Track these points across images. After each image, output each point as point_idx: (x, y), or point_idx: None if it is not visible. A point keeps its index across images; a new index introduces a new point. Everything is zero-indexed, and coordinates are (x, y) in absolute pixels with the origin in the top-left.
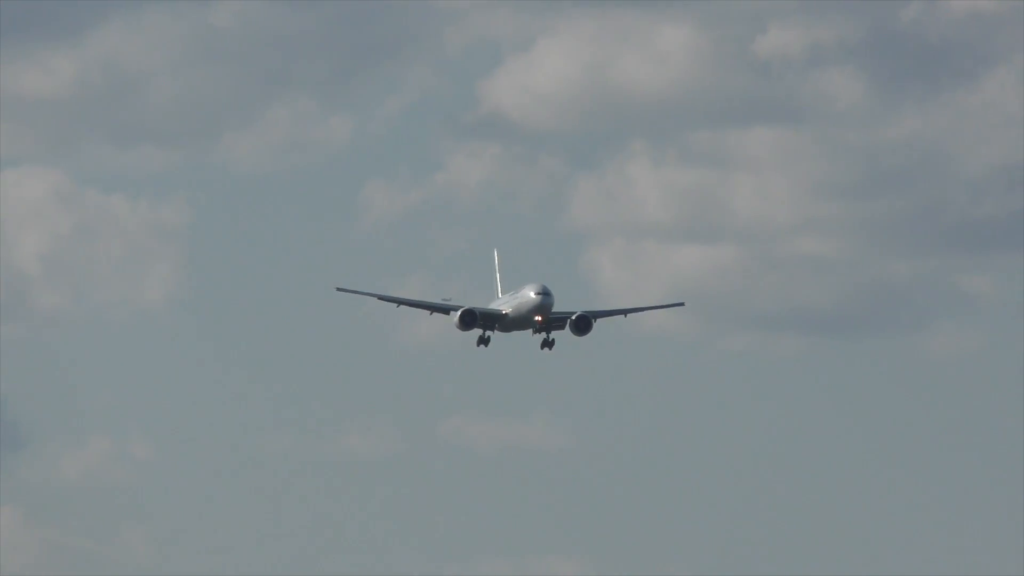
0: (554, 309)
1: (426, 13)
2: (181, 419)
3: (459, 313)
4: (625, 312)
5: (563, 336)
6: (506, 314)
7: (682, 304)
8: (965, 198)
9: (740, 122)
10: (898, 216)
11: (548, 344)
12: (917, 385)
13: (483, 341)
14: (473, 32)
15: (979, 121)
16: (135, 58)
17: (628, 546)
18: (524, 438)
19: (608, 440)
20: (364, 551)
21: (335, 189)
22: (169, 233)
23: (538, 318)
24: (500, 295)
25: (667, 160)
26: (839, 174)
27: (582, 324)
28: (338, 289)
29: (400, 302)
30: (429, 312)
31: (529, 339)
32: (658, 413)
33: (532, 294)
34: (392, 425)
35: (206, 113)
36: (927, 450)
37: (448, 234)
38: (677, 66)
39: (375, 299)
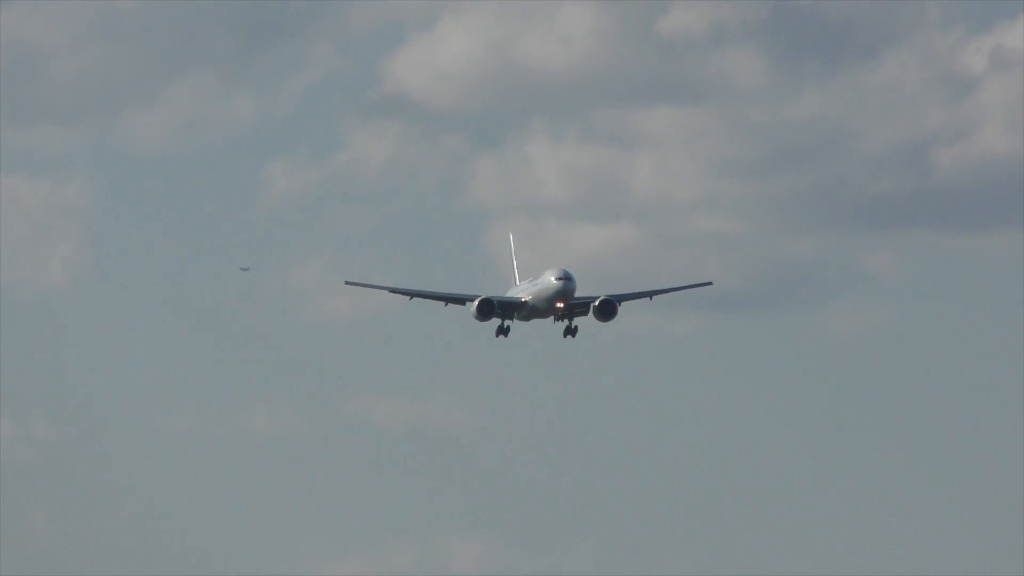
0: (576, 294)
1: None
2: (83, 401)
3: (476, 303)
4: (651, 294)
5: (586, 323)
6: (525, 302)
7: (710, 283)
8: (865, 176)
9: (642, 101)
10: (799, 194)
11: (571, 332)
12: (818, 362)
13: (502, 331)
14: (377, 11)
15: (879, 100)
16: (35, 37)
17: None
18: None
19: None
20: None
21: (237, 168)
22: (70, 213)
23: (560, 304)
24: (517, 282)
25: (570, 139)
26: (741, 152)
27: (607, 309)
28: (347, 283)
29: (413, 294)
30: (444, 303)
31: (550, 327)
32: (557, 397)
33: (553, 279)
34: (292, 402)
35: (107, 92)
36: (828, 427)
37: (351, 213)
38: (580, 45)
39: (387, 292)
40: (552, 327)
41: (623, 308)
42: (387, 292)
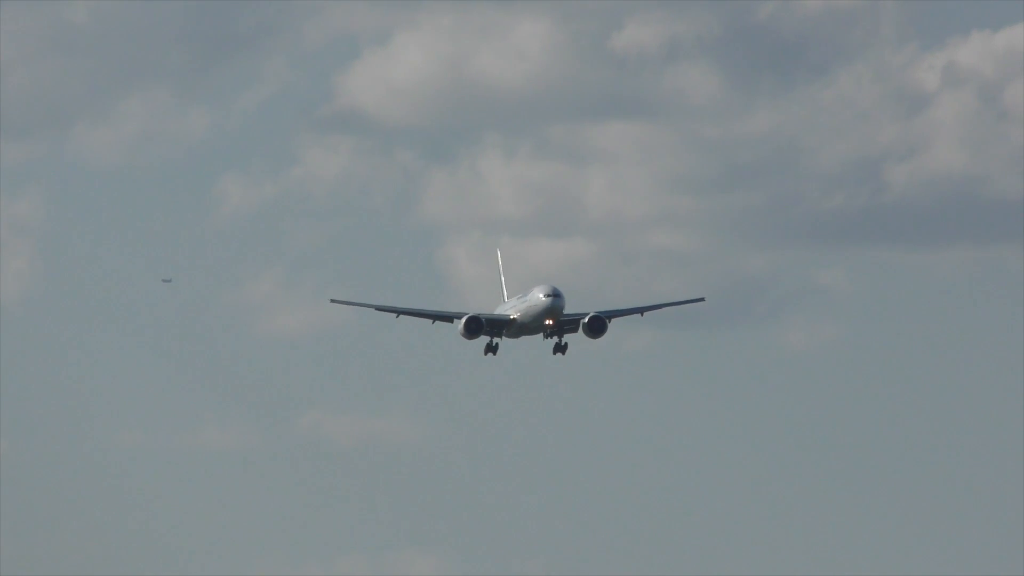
0: (565, 310)
1: (284, 6)
2: (37, 414)
3: (464, 320)
4: (642, 311)
5: (576, 339)
6: (514, 319)
7: (703, 299)
8: (819, 192)
9: (597, 117)
10: (753, 210)
11: (561, 349)
12: (772, 376)
13: (491, 349)
14: (331, 26)
15: (832, 116)
16: None
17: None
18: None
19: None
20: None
21: (191, 182)
22: (23, 227)
23: (549, 321)
24: (506, 299)
25: (524, 154)
26: (695, 168)
27: (596, 325)
28: (332, 301)
29: (400, 312)
30: (431, 321)
31: (540, 344)
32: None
33: (541, 296)
34: (248, 417)
35: (60, 106)
36: (781, 440)
37: (304, 228)
38: (534, 61)
39: (372, 309)
40: (541, 344)
41: (613, 324)
42: (373, 310)
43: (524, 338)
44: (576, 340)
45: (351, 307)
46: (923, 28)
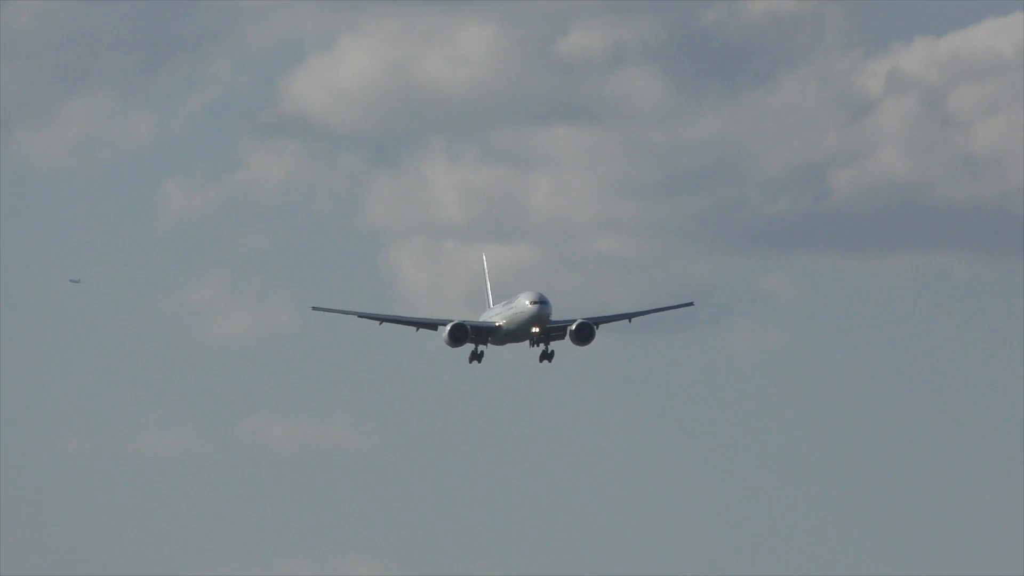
0: (552, 317)
1: (229, 10)
2: None
3: (448, 328)
4: (630, 317)
5: (563, 347)
6: (500, 326)
7: (691, 304)
8: (763, 198)
9: (542, 122)
10: (697, 215)
11: (547, 356)
12: (717, 383)
13: (476, 357)
14: (276, 30)
15: (777, 122)
16: None
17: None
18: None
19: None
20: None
21: (134, 186)
22: None
23: (535, 328)
24: (491, 305)
25: (469, 159)
26: (639, 173)
27: (584, 333)
28: (314, 308)
29: (383, 319)
30: (415, 328)
31: (526, 352)
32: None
33: (527, 303)
34: (188, 422)
35: (3, 109)
36: (726, 448)
37: (248, 232)
38: (480, 66)
39: (355, 317)
40: (528, 352)
41: (601, 331)
42: (356, 317)
43: (510, 345)
44: (563, 347)
45: (367, 318)
46: (867, 34)
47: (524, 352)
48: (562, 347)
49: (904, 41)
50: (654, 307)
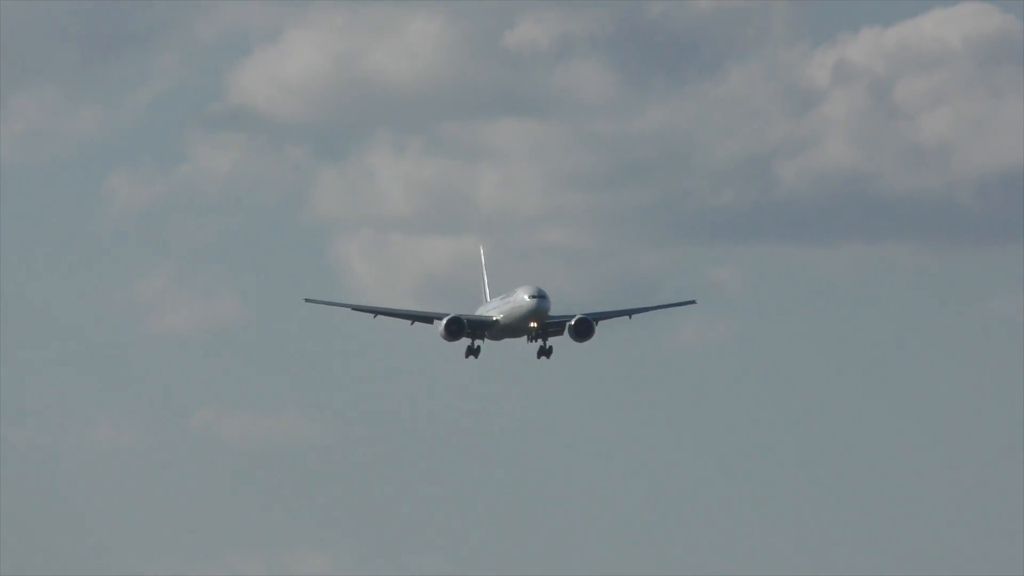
0: (551, 312)
1: (176, 3)
2: None
3: (444, 321)
4: (630, 313)
5: (561, 342)
6: (497, 321)
7: (693, 302)
8: (711, 189)
9: (489, 114)
10: (645, 207)
11: (545, 352)
12: (665, 376)
13: (472, 352)
14: (222, 23)
15: (724, 113)
16: None
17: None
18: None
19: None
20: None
21: (80, 179)
22: None
23: (533, 324)
24: (488, 299)
25: (415, 151)
26: (587, 165)
27: (582, 328)
28: (307, 300)
29: (377, 312)
30: (410, 322)
31: (523, 347)
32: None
33: (526, 297)
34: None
35: None
36: (674, 443)
37: (194, 225)
38: (427, 58)
39: (349, 309)
40: (525, 347)
41: (600, 327)
42: (350, 309)
43: (507, 340)
44: (561, 343)
45: (362, 311)
46: (814, 25)
47: (522, 347)
48: (560, 343)
49: (851, 32)
50: (655, 304)
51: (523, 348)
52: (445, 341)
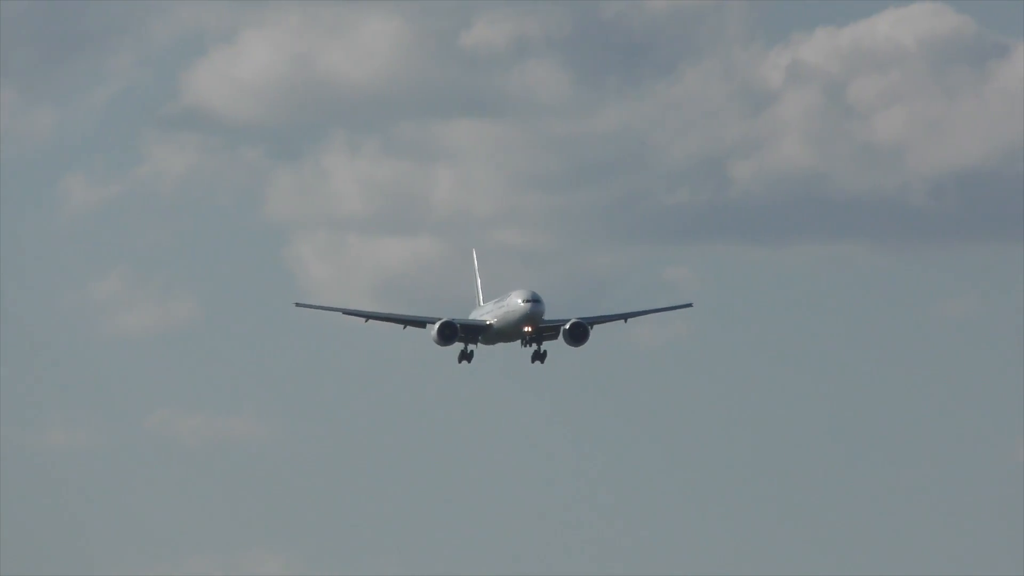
0: (545, 316)
1: (131, 4)
2: None
3: (437, 326)
4: (626, 317)
5: (555, 347)
6: (490, 325)
7: (690, 305)
8: (667, 189)
9: (445, 115)
10: (601, 208)
11: (540, 357)
12: (622, 377)
13: (465, 356)
14: (178, 23)
15: (680, 113)
16: None
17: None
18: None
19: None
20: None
21: (35, 181)
22: None
23: (527, 328)
24: (482, 303)
25: (372, 152)
26: (543, 166)
27: (578, 332)
28: (297, 304)
29: (369, 316)
30: (403, 326)
31: (517, 352)
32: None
33: (520, 301)
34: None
35: None
36: (634, 445)
37: (149, 226)
38: (383, 59)
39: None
40: (519, 352)
41: (595, 331)
42: (341, 313)
43: (501, 345)
44: (556, 348)
45: (353, 315)
46: (768, 26)
47: (515, 352)
48: (555, 347)
49: (805, 32)
50: (650, 307)
51: (517, 353)
52: (438, 346)
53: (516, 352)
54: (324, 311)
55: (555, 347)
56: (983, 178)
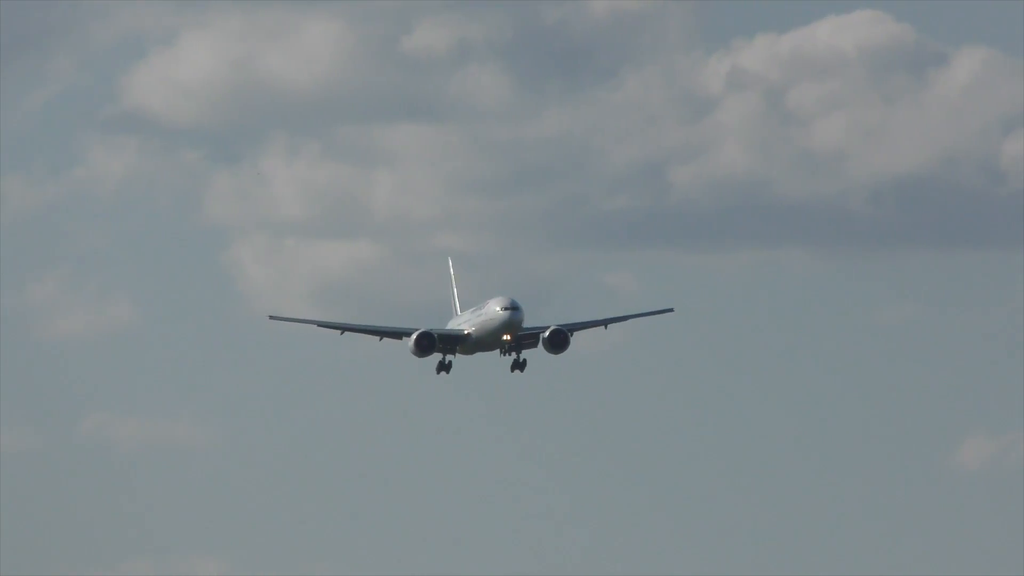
0: (525, 324)
1: (71, 6)
2: None
3: (414, 337)
4: (606, 323)
5: (535, 355)
6: (469, 334)
7: (671, 311)
8: (607, 194)
9: (386, 119)
10: (541, 212)
11: (519, 365)
12: (561, 383)
13: (444, 367)
14: (117, 25)
15: (620, 119)
16: None
17: None
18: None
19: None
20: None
21: None
22: None
23: (506, 336)
24: (459, 312)
25: (311, 156)
26: (483, 170)
27: (557, 340)
28: (271, 318)
29: (344, 328)
30: (379, 338)
31: (496, 361)
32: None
33: (499, 309)
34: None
35: None
36: (570, 452)
37: (87, 229)
38: (324, 62)
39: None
40: (499, 361)
41: (575, 338)
42: (316, 326)
43: (479, 355)
44: (536, 356)
45: (328, 327)
46: (709, 32)
47: (495, 361)
48: (535, 355)
49: (746, 38)
50: (632, 313)
51: (496, 362)
52: (415, 357)
53: (495, 361)
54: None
55: (535, 355)
56: (922, 185)
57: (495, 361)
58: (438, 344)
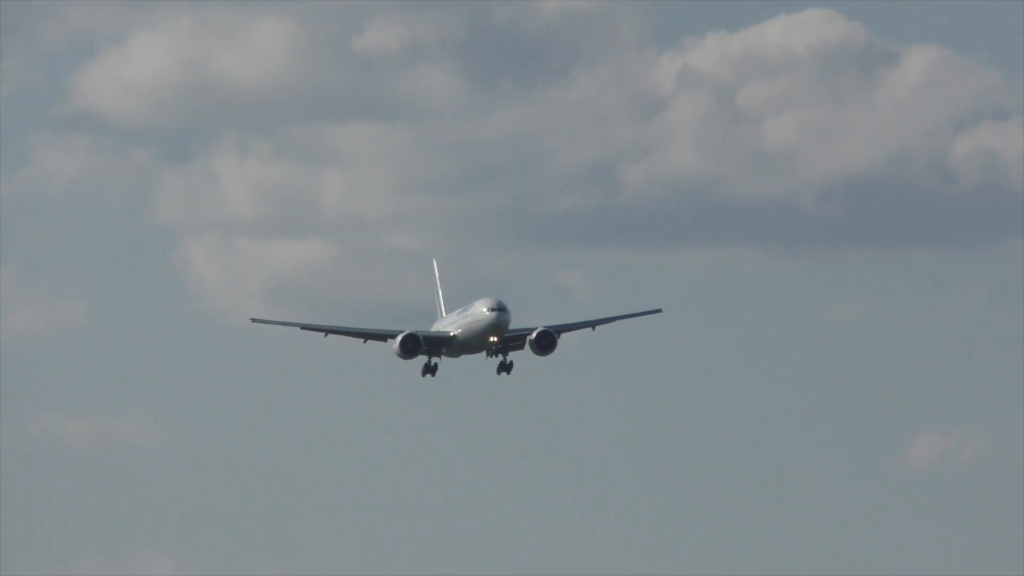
0: (511, 325)
1: (20, 5)
2: None
3: (399, 339)
4: (594, 324)
5: (522, 357)
6: (454, 336)
7: (659, 311)
8: (558, 193)
9: (337, 118)
10: (492, 211)
11: (506, 368)
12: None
13: (429, 370)
14: (67, 24)
15: (571, 118)
16: None
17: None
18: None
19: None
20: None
21: None
22: None
23: (493, 338)
24: (444, 313)
25: (262, 155)
26: (434, 170)
27: (545, 342)
28: (253, 320)
29: (328, 330)
30: (363, 340)
31: (483, 363)
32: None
33: (485, 310)
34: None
35: None
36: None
37: (37, 229)
38: (275, 62)
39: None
40: (485, 363)
41: (563, 340)
42: (299, 329)
43: (466, 357)
44: (523, 358)
45: (311, 330)
46: (660, 31)
47: (481, 363)
48: (521, 357)
49: (697, 37)
50: (619, 314)
51: (482, 364)
52: (400, 359)
53: (481, 363)
54: (282, 325)
55: (521, 357)
56: (872, 184)
57: (481, 363)
58: (423, 346)
